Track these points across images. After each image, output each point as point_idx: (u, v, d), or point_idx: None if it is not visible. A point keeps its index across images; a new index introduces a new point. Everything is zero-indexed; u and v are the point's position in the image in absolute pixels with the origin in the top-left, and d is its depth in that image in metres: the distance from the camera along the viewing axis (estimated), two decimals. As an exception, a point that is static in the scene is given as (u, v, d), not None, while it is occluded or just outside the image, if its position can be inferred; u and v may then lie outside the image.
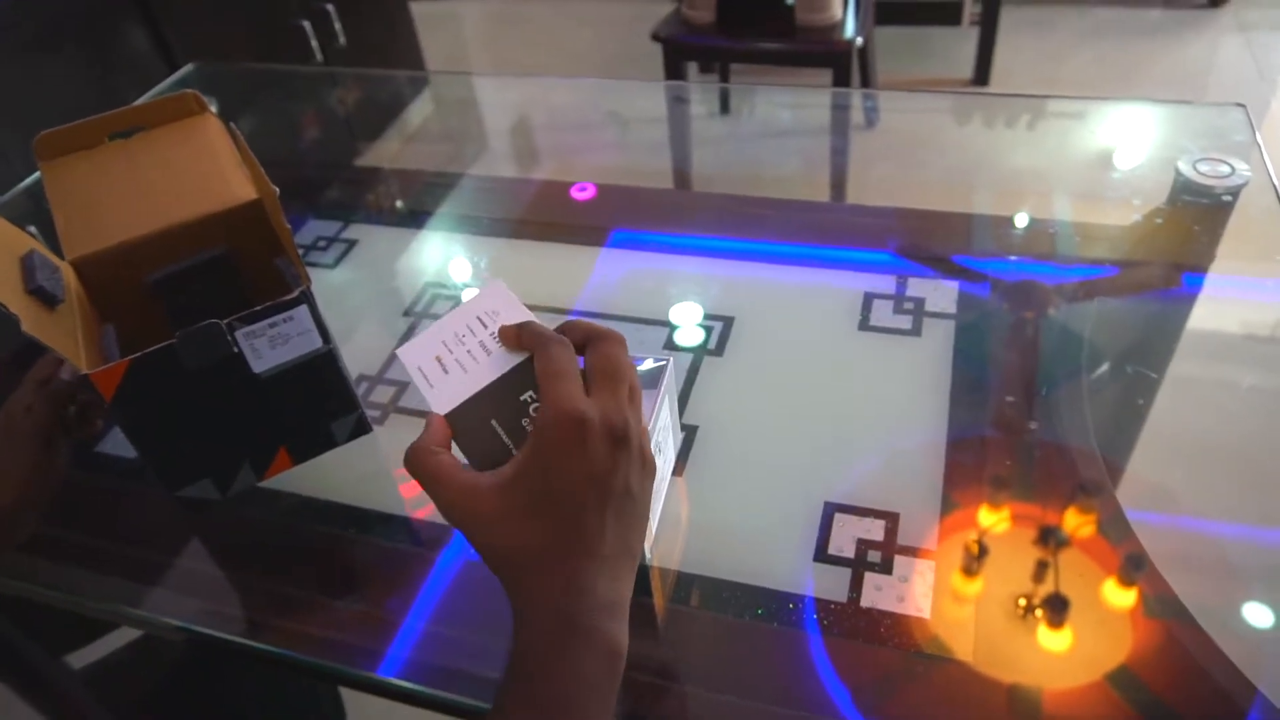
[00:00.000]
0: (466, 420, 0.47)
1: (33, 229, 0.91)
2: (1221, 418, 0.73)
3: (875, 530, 0.65)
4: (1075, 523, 0.64)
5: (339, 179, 1.17)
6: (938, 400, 0.73)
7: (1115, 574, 0.60)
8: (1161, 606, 0.58)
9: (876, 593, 0.61)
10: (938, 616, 0.59)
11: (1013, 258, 0.87)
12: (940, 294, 0.84)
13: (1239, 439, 0.71)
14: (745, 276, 0.90)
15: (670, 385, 0.64)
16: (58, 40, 1.65)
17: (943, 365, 0.77)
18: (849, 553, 0.63)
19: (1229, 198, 0.86)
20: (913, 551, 0.63)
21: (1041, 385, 0.73)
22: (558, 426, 0.42)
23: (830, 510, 0.66)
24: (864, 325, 0.82)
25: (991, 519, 0.65)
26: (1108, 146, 1.04)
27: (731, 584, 0.62)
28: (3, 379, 0.83)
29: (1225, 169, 0.86)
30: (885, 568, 0.62)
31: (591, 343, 0.47)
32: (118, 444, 0.79)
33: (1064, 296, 0.82)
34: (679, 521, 0.67)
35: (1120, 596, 0.59)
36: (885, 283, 0.86)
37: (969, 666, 0.56)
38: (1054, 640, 0.58)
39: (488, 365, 0.48)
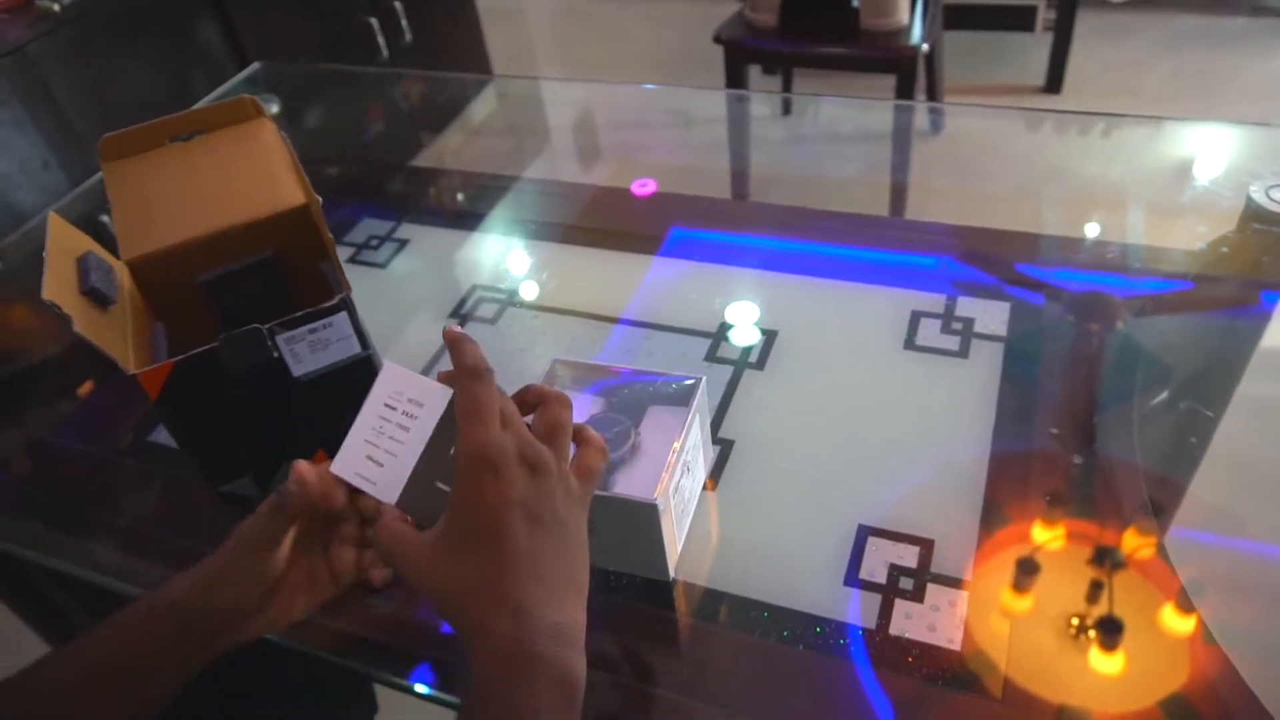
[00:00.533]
0: (416, 495, 0.49)
1: (105, 218, 0.94)
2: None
3: (909, 556, 0.64)
4: (1115, 559, 0.62)
5: (395, 178, 1.19)
6: (981, 426, 0.72)
7: (1161, 606, 0.58)
8: (1199, 636, 0.56)
9: (906, 620, 0.60)
10: (969, 648, 0.58)
11: (1069, 278, 0.85)
12: (990, 314, 0.82)
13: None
14: (792, 290, 0.89)
15: (701, 404, 0.64)
16: (137, 34, 1.70)
17: (989, 390, 0.75)
18: (880, 578, 0.62)
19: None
20: (946, 580, 0.62)
21: (1090, 417, 0.71)
22: (473, 464, 0.44)
23: (864, 533, 0.65)
24: (909, 344, 0.80)
25: (1029, 552, 0.63)
26: (1178, 167, 1.01)
27: (759, 603, 0.62)
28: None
29: (1305, 195, 0.83)
30: (917, 596, 0.61)
31: (541, 405, 0.50)
32: (167, 434, 0.81)
33: (1129, 311, 0.79)
34: (709, 537, 0.67)
35: (1172, 625, 0.58)
36: (934, 301, 0.84)
37: (998, 701, 0.55)
38: (1087, 674, 0.56)
39: (412, 440, 0.50)
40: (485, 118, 1.47)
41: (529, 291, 0.93)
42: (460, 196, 1.14)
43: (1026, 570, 0.62)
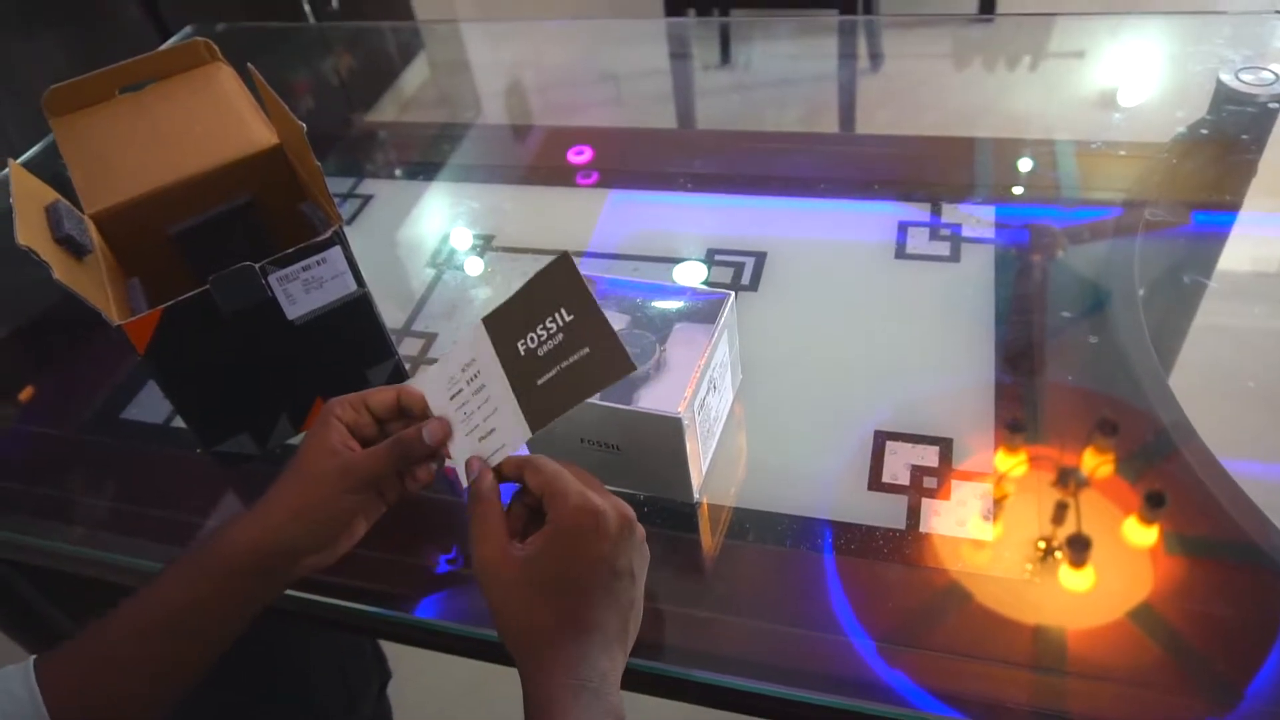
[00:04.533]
0: (533, 407, 0.51)
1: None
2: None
3: (929, 456, 0.63)
4: (1136, 440, 0.62)
5: (347, 136, 1.15)
6: (983, 323, 0.72)
7: (1191, 478, 0.59)
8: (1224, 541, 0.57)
9: (935, 518, 0.59)
10: (1000, 539, 0.58)
11: (1051, 177, 0.85)
12: (978, 218, 0.81)
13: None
14: (770, 211, 0.88)
15: (730, 320, 0.62)
16: (51, 13, 1.61)
17: (985, 289, 0.75)
18: (904, 480, 0.62)
19: (1275, 105, 0.83)
20: (970, 476, 0.61)
21: (1094, 301, 0.71)
22: (579, 514, 0.47)
23: (881, 439, 0.65)
24: (900, 253, 0.80)
25: (1050, 438, 0.63)
26: (1145, 61, 1.01)
27: (786, 517, 0.61)
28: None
29: (1269, 76, 0.84)
30: (943, 493, 0.61)
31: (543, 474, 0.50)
32: (143, 409, 0.77)
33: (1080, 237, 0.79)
34: (731, 458, 0.65)
35: (1148, 527, 0.58)
36: (919, 211, 0.84)
37: (1037, 584, 0.55)
38: (1124, 547, 0.56)
39: (495, 386, 0.52)
40: (423, 80, 1.42)
41: (504, 234, 0.90)
42: (417, 149, 1.10)
43: (1050, 456, 0.62)
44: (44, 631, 1.01)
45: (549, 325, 0.50)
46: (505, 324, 0.52)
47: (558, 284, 0.50)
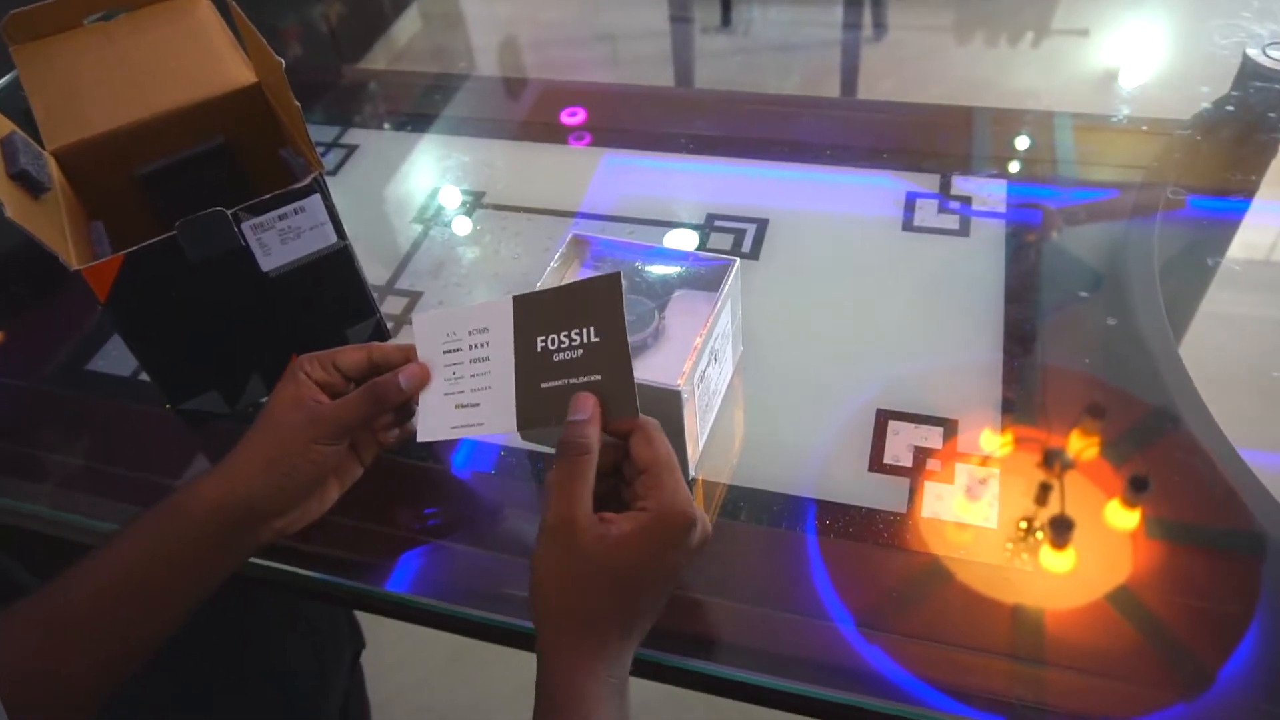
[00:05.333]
0: (529, 407, 0.48)
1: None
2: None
3: (933, 438, 0.61)
4: (1149, 426, 0.60)
5: (334, 85, 1.10)
6: (992, 300, 0.69)
7: (1207, 466, 0.56)
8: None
9: (938, 502, 0.57)
10: (1004, 524, 0.55)
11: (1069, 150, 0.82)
12: (988, 191, 0.78)
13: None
14: (773, 177, 0.84)
15: (733, 289, 0.58)
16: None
17: (995, 265, 0.72)
18: (906, 462, 0.59)
19: (1302, 84, 0.80)
20: (975, 459, 0.59)
21: (1110, 281, 0.68)
22: (678, 516, 0.44)
23: (884, 418, 0.62)
24: (907, 226, 0.76)
25: (1059, 422, 0.60)
26: (1167, 34, 0.98)
27: (783, 496, 0.58)
28: None
29: (1297, 54, 0.81)
30: (946, 477, 0.58)
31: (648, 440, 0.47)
32: (109, 361, 0.74)
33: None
34: (728, 433, 0.62)
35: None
36: (927, 182, 0.80)
37: (1039, 574, 0.53)
38: (1133, 540, 0.54)
39: (499, 363, 0.49)
40: (423, 18, 1.37)
41: (494, 191, 0.86)
42: (406, 99, 1.06)
43: (1057, 440, 0.59)
44: (11, 593, 0.98)
45: (574, 336, 0.47)
46: (534, 313, 0.49)
47: (597, 300, 0.47)
